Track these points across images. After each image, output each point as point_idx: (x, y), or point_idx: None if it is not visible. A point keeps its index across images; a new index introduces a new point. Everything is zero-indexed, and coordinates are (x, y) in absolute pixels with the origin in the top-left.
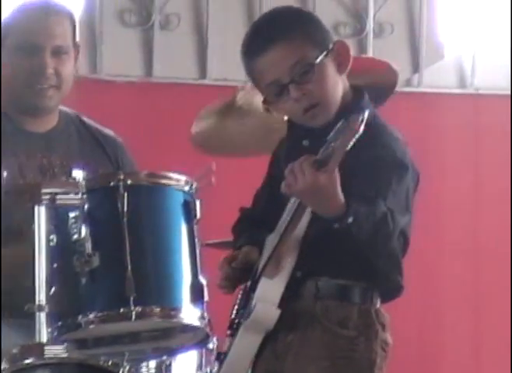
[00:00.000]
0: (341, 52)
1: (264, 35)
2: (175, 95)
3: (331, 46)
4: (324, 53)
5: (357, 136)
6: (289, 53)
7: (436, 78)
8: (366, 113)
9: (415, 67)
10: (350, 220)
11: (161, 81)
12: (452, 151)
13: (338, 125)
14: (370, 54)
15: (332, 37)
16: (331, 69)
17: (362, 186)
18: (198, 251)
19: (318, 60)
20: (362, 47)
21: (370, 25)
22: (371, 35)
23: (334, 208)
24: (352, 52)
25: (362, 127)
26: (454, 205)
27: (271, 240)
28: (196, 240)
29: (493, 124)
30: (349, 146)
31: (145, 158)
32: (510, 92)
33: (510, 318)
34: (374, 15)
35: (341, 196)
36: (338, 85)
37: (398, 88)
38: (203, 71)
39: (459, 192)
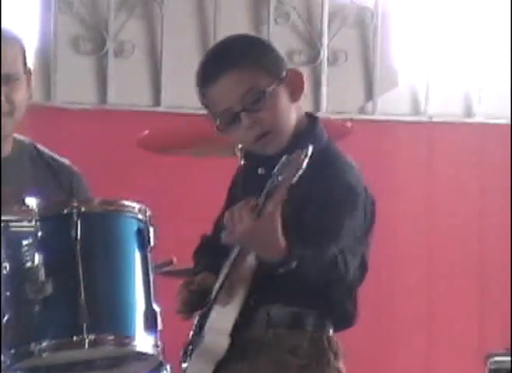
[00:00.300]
0: (294, 80)
1: (216, 63)
2: (129, 123)
3: (284, 74)
4: (277, 81)
5: (300, 172)
6: (240, 81)
7: (390, 105)
8: (310, 149)
9: (369, 95)
10: (294, 265)
11: (115, 109)
12: (405, 178)
13: (283, 159)
14: (324, 81)
15: (286, 65)
16: (283, 97)
17: (311, 224)
18: (151, 279)
19: (270, 88)
20: (316, 75)
21: (324, 53)
22: (325, 63)
23: (276, 253)
24: (306, 80)
25: (305, 163)
26: (409, 235)
27: (224, 267)
28: (150, 268)
29: (447, 152)
30: (293, 180)
31: (101, 186)
32: (463, 120)
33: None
34: (328, 43)
35: (282, 241)
36: (290, 113)
37: (351, 116)
38: (157, 99)
39: (413, 218)
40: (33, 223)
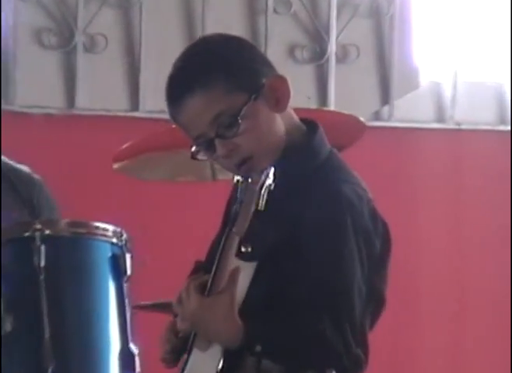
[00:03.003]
0: (277, 87)
1: (179, 84)
2: (102, 130)
3: (263, 82)
4: (254, 96)
5: (261, 201)
6: (209, 104)
7: (410, 110)
8: (271, 171)
9: (385, 98)
10: (258, 349)
11: (85, 114)
12: (428, 195)
13: (242, 184)
14: (332, 82)
15: (267, 69)
16: (263, 113)
17: (290, 274)
18: (128, 314)
19: (245, 107)
20: (322, 74)
21: (332, 48)
22: (333, 60)
23: (234, 337)
24: (311, 80)
25: (264, 187)
26: (433, 254)
27: None
28: (126, 301)
29: (476, 165)
30: (259, 207)
31: (69, 205)
32: (496, 128)
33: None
34: (337, 37)
35: (237, 321)
36: (274, 129)
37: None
38: (135, 102)
39: (439, 235)
40: None
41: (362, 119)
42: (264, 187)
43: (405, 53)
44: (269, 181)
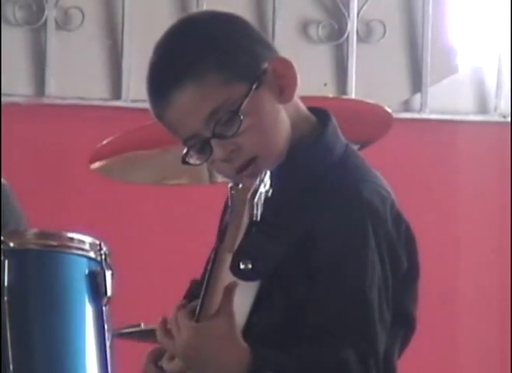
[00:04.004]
0: (281, 73)
1: (164, 76)
2: (77, 123)
3: (265, 67)
4: (255, 85)
5: (257, 212)
6: (203, 99)
7: (447, 100)
8: (267, 175)
9: (417, 85)
10: None
11: (58, 103)
12: (469, 198)
13: (229, 190)
14: (352, 65)
15: (268, 52)
16: (267, 104)
17: (304, 294)
18: (107, 342)
19: (247, 99)
20: (341, 56)
21: (353, 24)
22: (354, 38)
23: (240, 361)
24: (328, 63)
25: (257, 195)
26: (477, 259)
27: None
28: (105, 327)
29: None
30: (253, 217)
31: (38, 209)
32: None
33: None
34: (359, 11)
35: (242, 344)
36: (281, 122)
37: (392, 114)
38: (116, 90)
39: (484, 241)
40: None
41: (389, 109)
42: (258, 195)
43: (440, 31)
44: (264, 187)
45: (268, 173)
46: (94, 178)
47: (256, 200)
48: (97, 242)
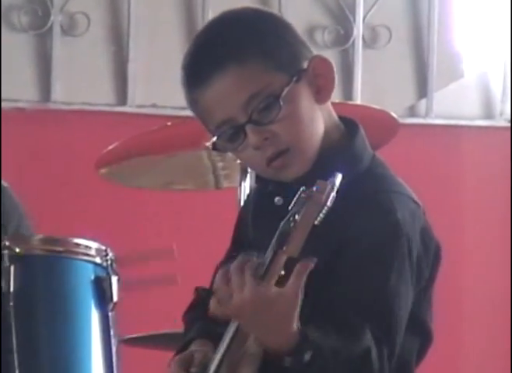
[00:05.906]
0: (320, 72)
1: (206, 59)
2: (82, 128)
3: (305, 65)
4: (295, 78)
5: (324, 211)
6: (243, 83)
7: (452, 105)
8: (339, 179)
9: (422, 90)
10: (307, 357)
11: (63, 109)
12: (475, 203)
13: (300, 193)
14: (358, 70)
15: (308, 52)
16: (305, 99)
17: (337, 292)
18: (113, 348)
19: (286, 89)
20: (347, 61)
21: (359, 30)
22: (360, 44)
23: (286, 339)
24: (334, 67)
25: (330, 199)
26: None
27: (219, 348)
28: (112, 333)
29: None
30: (313, 223)
31: (43, 212)
32: None
33: None
34: (364, 16)
35: (295, 326)
36: (316, 121)
37: (398, 119)
38: (122, 95)
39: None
40: None
41: (394, 115)
42: (331, 199)
43: (445, 36)
44: (334, 192)
45: (340, 176)
46: (100, 183)
47: (329, 203)
48: (103, 248)
